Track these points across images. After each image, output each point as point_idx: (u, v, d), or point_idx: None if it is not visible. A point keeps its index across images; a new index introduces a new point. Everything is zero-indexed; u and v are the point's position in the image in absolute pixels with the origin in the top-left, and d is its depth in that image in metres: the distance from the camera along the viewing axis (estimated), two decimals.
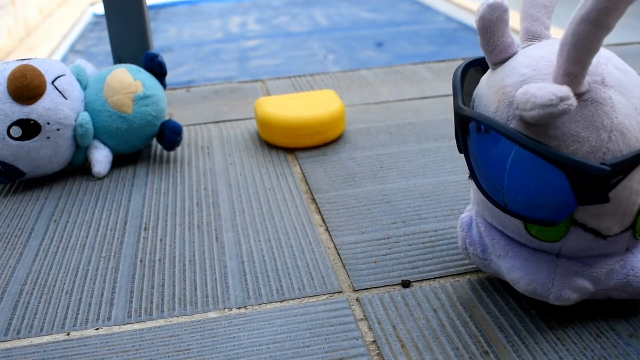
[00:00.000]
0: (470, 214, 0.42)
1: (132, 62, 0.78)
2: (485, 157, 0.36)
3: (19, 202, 0.57)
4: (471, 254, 0.41)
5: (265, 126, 0.65)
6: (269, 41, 3.41)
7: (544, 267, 0.37)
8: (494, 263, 0.40)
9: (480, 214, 0.41)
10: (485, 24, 0.36)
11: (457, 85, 0.39)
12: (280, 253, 0.48)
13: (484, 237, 0.40)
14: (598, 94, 0.34)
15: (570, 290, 0.37)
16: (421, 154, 0.63)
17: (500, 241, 0.39)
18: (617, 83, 0.35)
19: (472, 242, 0.41)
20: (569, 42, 0.32)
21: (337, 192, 0.56)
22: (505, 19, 0.36)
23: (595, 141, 0.33)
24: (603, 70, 0.35)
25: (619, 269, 0.37)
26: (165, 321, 0.41)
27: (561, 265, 0.37)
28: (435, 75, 0.86)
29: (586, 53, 0.32)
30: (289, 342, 0.38)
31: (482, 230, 0.41)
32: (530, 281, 0.37)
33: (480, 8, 0.36)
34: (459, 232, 0.42)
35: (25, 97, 0.55)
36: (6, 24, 3.09)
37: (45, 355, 0.38)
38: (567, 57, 0.32)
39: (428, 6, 4.11)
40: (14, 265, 0.48)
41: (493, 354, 0.37)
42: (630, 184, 0.34)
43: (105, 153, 0.61)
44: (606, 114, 0.34)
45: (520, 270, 0.38)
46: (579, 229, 0.36)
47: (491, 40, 0.37)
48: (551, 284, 0.37)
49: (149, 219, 0.53)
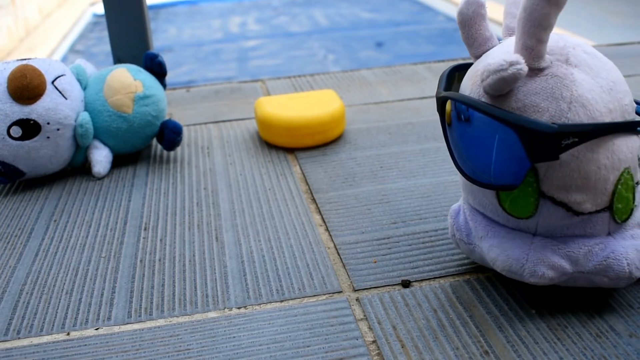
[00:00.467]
0: (460, 203, 0.43)
1: (132, 62, 0.78)
2: (459, 133, 0.38)
3: (19, 202, 0.57)
4: (458, 239, 0.43)
5: (265, 126, 0.65)
6: (269, 41, 3.41)
7: (519, 243, 0.38)
8: (477, 247, 0.41)
9: (466, 199, 0.42)
10: (463, 19, 0.39)
11: (442, 80, 0.41)
12: (280, 253, 0.48)
13: (468, 221, 0.42)
14: (559, 70, 0.36)
15: (544, 266, 0.37)
16: (421, 154, 0.63)
17: (481, 223, 0.40)
18: (583, 63, 0.36)
19: (458, 227, 0.42)
20: (522, 16, 0.34)
21: (337, 192, 0.56)
22: (482, 14, 0.38)
23: (554, 110, 0.35)
24: (569, 52, 0.37)
25: (598, 251, 0.38)
26: (165, 321, 0.41)
27: (537, 242, 0.38)
28: (435, 75, 0.85)
29: (539, 26, 0.34)
30: (289, 342, 0.38)
31: (467, 215, 0.42)
32: (507, 258, 0.38)
33: (459, 4, 0.38)
34: (449, 220, 0.43)
35: (25, 97, 0.55)
36: (6, 24, 3.09)
37: (45, 355, 0.38)
38: (522, 31, 0.34)
39: (428, 6, 4.11)
40: (14, 265, 0.48)
41: (493, 354, 0.37)
42: (596, 157, 0.35)
43: (105, 153, 0.61)
44: (566, 87, 0.35)
45: (497, 248, 0.39)
46: (548, 203, 0.37)
47: (470, 34, 0.39)
48: (525, 259, 0.38)
49: (149, 219, 0.53)
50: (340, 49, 3.18)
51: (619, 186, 0.37)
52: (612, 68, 0.38)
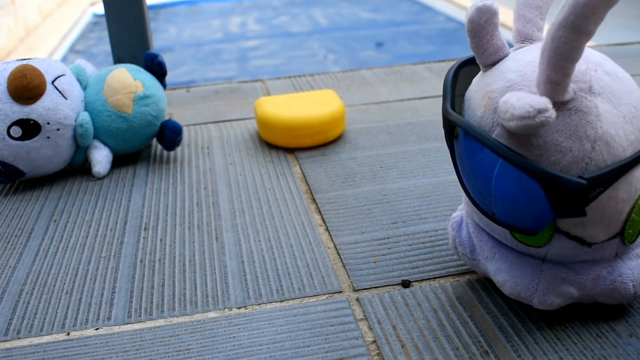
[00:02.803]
0: (461, 213, 0.42)
1: (132, 62, 0.78)
2: (472, 162, 0.36)
3: (19, 202, 0.57)
4: (460, 253, 0.42)
5: (265, 126, 0.65)
6: (269, 41, 3.41)
7: (529, 271, 0.37)
8: (482, 264, 0.40)
9: (470, 215, 0.41)
10: (474, 27, 0.35)
11: (447, 87, 0.38)
12: (280, 253, 0.48)
13: (472, 238, 0.41)
14: (583, 103, 0.33)
15: (554, 295, 0.37)
16: (421, 154, 0.63)
17: (487, 243, 0.39)
18: (606, 90, 0.34)
19: (461, 242, 0.41)
20: (548, 48, 0.31)
21: (337, 192, 0.56)
22: (495, 22, 0.35)
23: (578, 151, 0.33)
24: (591, 77, 0.34)
25: (606, 275, 0.37)
26: (165, 321, 0.41)
27: (546, 271, 0.37)
28: (435, 75, 0.85)
29: (567, 60, 0.31)
30: (289, 342, 0.38)
31: (471, 231, 0.41)
32: (515, 284, 0.37)
33: (469, 11, 0.35)
34: (450, 232, 0.42)
35: (25, 97, 0.55)
36: (6, 24, 3.09)
37: (45, 355, 0.38)
38: (547, 63, 0.31)
39: (428, 6, 4.11)
40: (14, 265, 0.48)
41: (493, 354, 0.37)
42: (616, 194, 0.34)
43: (105, 153, 0.61)
44: (590, 124, 0.33)
45: (506, 273, 0.38)
46: (562, 237, 0.36)
47: (480, 43, 0.36)
48: (535, 288, 0.37)
49: (149, 219, 0.53)
50: (340, 49, 3.18)
51: (632, 214, 0.35)
52: (633, 88, 0.35)
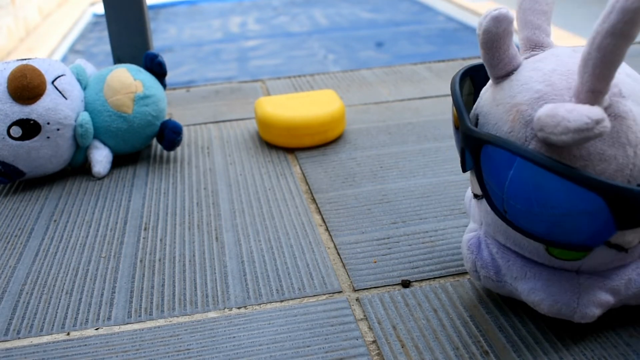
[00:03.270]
0: (477, 234, 0.40)
1: (132, 62, 0.78)
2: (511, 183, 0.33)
3: (19, 202, 0.57)
4: (483, 276, 0.39)
5: (265, 126, 0.65)
6: (269, 41, 3.41)
7: (567, 286, 0.36)
8: (509, 285, 0.38)
9: (491, 236, 0.39)
10: (490, 38, 0.34)
11: (459, 102, 0.36)
12: (280, 253, 0.48)
13: (496, 259, 0.38)
14: (619, 108, 0.32)
15: (594, 306, 0.36)
16: (421, 154, 0.63)
17: (516, 263, 0.37)
18: (632, 92, 0.33)
19: (484, 264, 0.39)
20: (594, 57, 0.30)
21: (337, 192, 0.56)
22: (511, 31, 0.34)
23: (622, 158, 0.32)
24: (618, 80, 0.33)
25: (636, 277, 0.37)
26: (165, 321, 0.41)
27: (584, 283, 0.36)
28: (435, 75, 0.86)
29: (612, 68, 0.30)
30: (289, 342, 0.38)
31: (494, 252, 0.38)
32: (555, 302, 0.36)
33: (483, 21, 0.33)
34: (467, 254, 0.40)
35: (25, 97, 0.55)
36: (6, 24, 3.09)
37: (45, 355, 0.38)
38: (592, 73, 0.30)
39: (428, 6, 4.11)
40: (14, 265, 0.48)
41: (493, 354, 0.37)
42: None
43: (105, 153, 0.61)
44: (630, 128, 0.32)
45: (543, 292, 0.36)
46: (602, 246, 0.35)
47: (497, 54, 0.35)
48: (576, 303, 0.36)
49: (149, 219, 0.53)
50: (340, 49, 3.18)
51: None
52: None
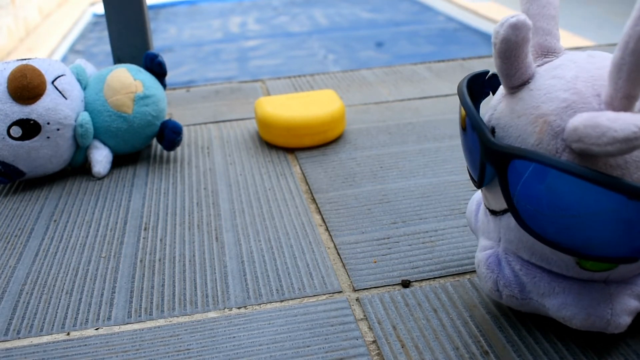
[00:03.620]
0: (494, 252, 0.38)
1: (132, 62, 0.78)
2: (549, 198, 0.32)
3: (19, 202, 0.57)
4: (506, 295, 0.37)
5: (265, 126, 0.65)
6: (269, 41, 3.41)
7: (599, 298, 0.35)
8: (535, 301, 0.37)
9: (513, 252, 0.37)
10: (509, 47, 0.32)
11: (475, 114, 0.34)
12: (280, 253, 0.48)
13: (520, 276, 0.37)
14: None
15: (626, 315, 0.35)
16: (421, 154, 0.63)
17: (542, 278, 0.36)
18: None
19: (507, 283, 0.37)
20: (628, 62, 0.29)
21: (337, 192, 0.56)
22: (529, 38, 0.32)
23: None
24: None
25: None
26: (165, 321, 0.41)
27: (614, 292, 0.35)
28: (435, 75, 0.86)
29: None
30: (289, 342, 0.38)
31: (517, 269, 0.37)
32: (588, 316, 0.35)
33: (500, 29, 0.32)
34: (486, 273, 0.38)
35: (25, 97, 0.55)
36: (6, 24, 3.09)
37: (45, 355, 0.38)
38: (627, 79, 0.30)
39: (428, 6, 4.11)
40: (14, 265, 0.48)
41: (493, 354, 0.37)
42: None
43: (105, 153, 0.61)
44: None
45: (574, 306, 0.35)
46: None
47: (515, 64, 0.33)
48: (609, 314, 0.35)
49: (149, 219, 0.53)
50: (340, 49, 3.18)
51: None
52: None
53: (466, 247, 0.47)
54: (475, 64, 0.90)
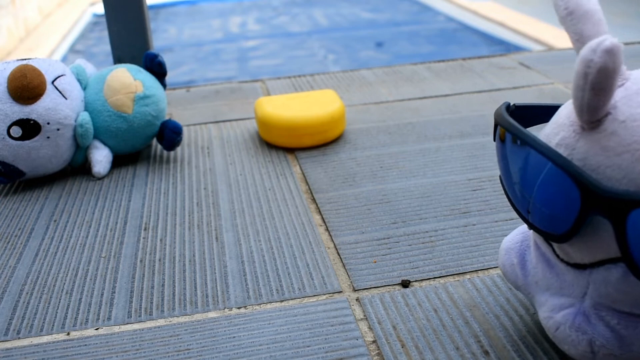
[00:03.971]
0: (579, 309, 0.33)
1: (132, 62, 0.78)
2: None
3: (19, 202, 0.57)
4: (602, 354, 0.32)
5: (265, 126, 0.65)
6: (269, 41, 3.41)
7: None
8: (634, 353, 0.32)
9: (607, 306, 0.32)
10: (606, 75, 0.27)
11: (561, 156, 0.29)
12: (280, 253, 0.48)
13: (618, 330, 0.32)
14: None
15: None
16: (421, 154, 0.63)
17: None
18: None
19: (605, 342, 0.32)
20: None
21: (337, 192, 0.56)
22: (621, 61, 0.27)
23: None
24: None
25: None
26: (165, 321, 0.41)
27: None
28: (435, 75, 0.86)
29: None
30: (289, 342, 0.38)
31: (613, 324, 0.32)
32: None
33: (594, 56, 0.27)
34: (576, 335, 0.33)
35: (25, 97, 0.55)
36: (6, 24, 3.09)
37: (45, 355, 0.38)
38: None
39: (428, 6, 4.11)
40: (14, 265, 0.48)
41: (493, 354, 0.37)
42: None
43: (105, 153, 0.61)
44: None
45: None
46: None
47: (608, 95, 0.28)
48: None
49: (149, 219, 0.53)
50: (340, 49, 3.18)
51: None
52: None
53: (466, 247, 0.47)
54: (475, 64, 0.90)
